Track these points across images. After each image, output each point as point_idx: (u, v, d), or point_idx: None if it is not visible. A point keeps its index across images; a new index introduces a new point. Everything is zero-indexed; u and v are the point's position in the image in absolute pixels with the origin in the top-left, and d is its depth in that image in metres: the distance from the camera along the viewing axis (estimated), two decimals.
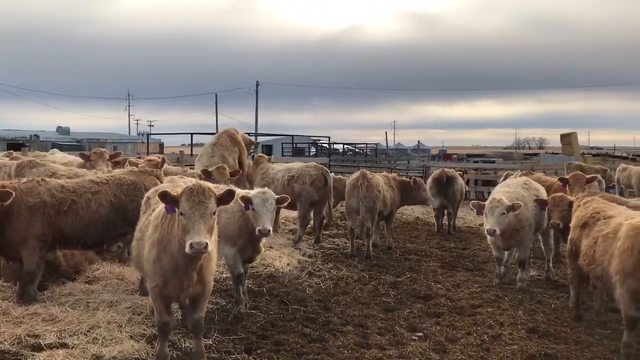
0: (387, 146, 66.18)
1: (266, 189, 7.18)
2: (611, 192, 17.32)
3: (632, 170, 20.37)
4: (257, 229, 6.72)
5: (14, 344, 5.68)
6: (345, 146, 53.51)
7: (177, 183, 6.38)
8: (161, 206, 5.24)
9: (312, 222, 12.02)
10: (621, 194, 19.00)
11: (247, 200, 6.74)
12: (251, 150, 16.33)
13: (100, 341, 5.83)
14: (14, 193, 6.65)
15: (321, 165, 12.18)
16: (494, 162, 41.42)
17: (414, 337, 6.60)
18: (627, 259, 5.90)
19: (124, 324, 6.30)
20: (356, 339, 6.43)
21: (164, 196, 4.98)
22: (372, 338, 6.50)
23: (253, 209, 6.74)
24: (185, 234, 4.78)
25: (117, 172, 8.40)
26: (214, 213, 4.93)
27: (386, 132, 68.31)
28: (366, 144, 57.90)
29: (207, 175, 9.70)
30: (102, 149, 11.45)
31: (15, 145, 37.18)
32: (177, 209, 4.92)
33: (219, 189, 5.48)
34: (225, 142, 13.67)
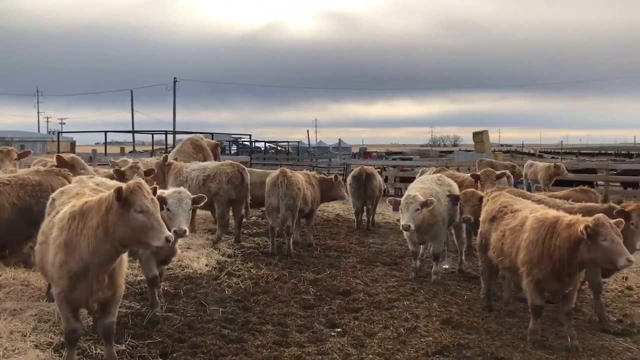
0: (309, 144, 66.59)
1: (181, 188, 6.95)
2: (519, 187, 18.22)
3: (538, 166, 21.51)
4: (172, 230, 6.48)
5: None
6: (267, 144, 53.25)
7: (86, 184, 6.10)
8: (66, 207, 4.99)
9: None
10: (529, 188, 20.05)
11: (161, 200, 6.49)
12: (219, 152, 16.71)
13: (0, 352, 5.46)
14: None
15: (237, 163, 12.02)
16: (411, 159, 42.58)
17: (333, 333, 6.65)
18: (532, 251, 6.22)
19: (28, 333, 5.95)
20: (275, 337, 6.40)
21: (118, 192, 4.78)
22: (291, 336, 6.48)
23: (168, 209, 6.49)
24: (149, 230, 4.80)
25: (21, 172, 7.92)
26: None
27: (308, 131, 68.89)
28: (288, 142, 57.95)
29: (120, 175, 9.32)
30: (9, 147, 10.74)
31: None
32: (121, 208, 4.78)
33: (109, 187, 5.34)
34: (188, 149, 14.13)
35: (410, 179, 16.70)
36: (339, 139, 59.41)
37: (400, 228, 8.58)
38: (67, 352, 5.22)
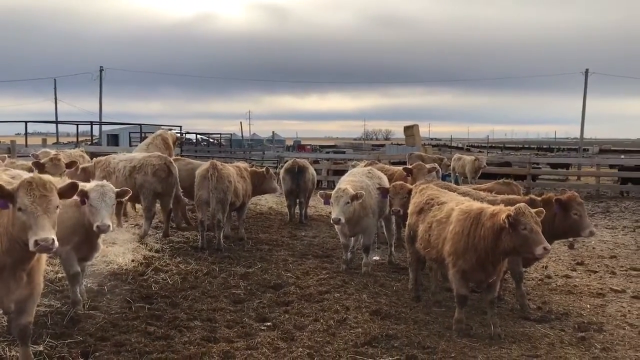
0: (242, 136, 65.88)
1: (104, 181, 6.65)
2: (447, 180, 18.75)
3: (466, 160, 22.27)
4: (95, 225, 6.21)
5: None
6: (199, 136, 52.34)
7: (0, 176, 5.75)
8: None
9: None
10: (456, 181, 20.69)
11: (82, 194, 6.21)
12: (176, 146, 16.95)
13: None
14: None
15: (165, 155, 11.69)
16: (344, 152, 43.04)
17: (263, 327, 6.59)
18: (458, 242, 6.38)
19: None
20: (203, 333, 6.27)
21: None
22: (220, 331, 6.37)
23: (90, 204, 6.22)
24: (27, 230, 4.34)
25: None
26: (57, 207, 4.54)
27: (241, 122, 68.19)
28: (220, 134, 57.18)
29: (39, 167, 8.86)
30: None
31: None
32: (11, 205, 4.45)
33: (59, 182, 5.03)
34: (160, 144, 14.42)
35: (343, 172, 16.83)
36: (273, 132, 59.31)
37: (331, 221, 8.61)
38: None
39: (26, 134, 36.13)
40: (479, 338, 6.42)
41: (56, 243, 4.37)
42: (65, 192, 4.78)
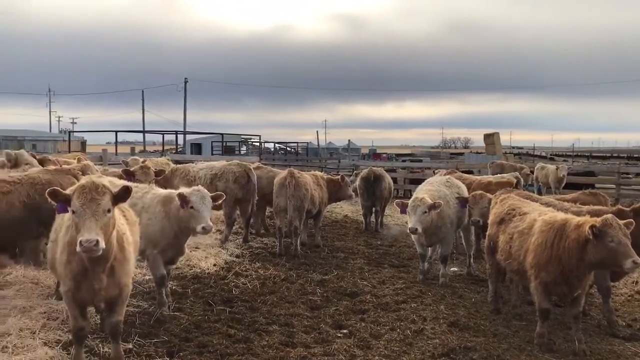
0: (318, 145, 66.57)
1: (199, 186, 6.99)
2: (530, 189, 18.13)
3: (549, 169, 21.43)
4: (199, 227, 6.49)
5: None
6: (277, 145, 53.39)
7: None
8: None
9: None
10: (539, 191, 19.96)
11: (183, 199, 6.53)
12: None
13: (10, 349, 5.51)
14: None
15: (244, 163, 12.11)
16: (421, 161, 42.51)
17: (339, 335, 6.65)
18: (540, 253, 6.19)
19: (37, 330, 6.00)
20: (281, 338, 6.41)
21: (54, 195, 4.76)
22: (297, 337, 6.49)
23: (192, 207, 6.54)
24: (77, 232, 4.58)
25: (32, 170, 8.00)
26: (109, 210, 4.70)
27: (317, 132, 68.83)
28: (297, 142, 58.08)
29: (128, 175, 9.36)
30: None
31: None
32: (69, 208, 4.72)
33: (116, 185, 5.29)
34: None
35: (419, 181, 16.69)
36: (349, 140, 59.43)
37: (408, 230, 8.56)
38: (74, 350, 5.24)
39: (116, 142, 38.19)
40: (562, 354, 6.19)
41: (101, 244, 4.49)
42: (121, 196, 4.91)
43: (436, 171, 15.95)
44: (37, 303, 6.83)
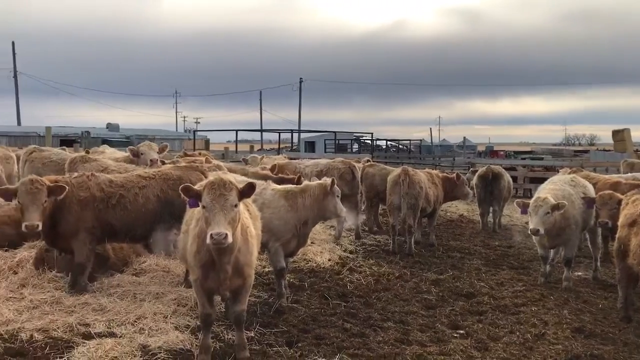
0: (431, 143, 65.39)
1: (325, 177, 7.57)
2: None
3: None
4: (343, 212, 7.47)
5: (66, 332, 5.93)
6: (389, 142, 53.09)
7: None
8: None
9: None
10: None
11: (333, 186, 7.35)
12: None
13: (146, 331, 6.01)
14: (67, 187, 6.93)
15: (348, 160, 12.35)
16: (542, 158, 40.41)
17: (456, 335, 6.55)
18: None
19: (169, 315, 6.49)
20: (397, 335, 6.43)
21: (187, 190, 5.11)
22: (412, 334, 6.48)
23: (338, 196, 7.38)
24: (207, 226, 4.88)
25: (165, 167, 8.63)
26: (236, 205, 4.98)
27: (431, 129, 67.63)
28: (410, 140, 57.38)
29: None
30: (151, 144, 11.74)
31: (67, 141, 38.47)
32: (200, 203, 5.03)
33: (241, 182, 5.56)
34: None
35: (540, 180, 15.91)
36: (464, 137, 57.84)
37: (529, 232, 8.22)
38: (202, 335, 5.59)
39: (236, 141, 40.01)
40: None
41: (229, 238, 4.78)
42: (246, 192, 5.18)
43: (559, 169, 15.11)
44: (169, 290, 7.38)
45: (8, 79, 59.01)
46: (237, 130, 40.04)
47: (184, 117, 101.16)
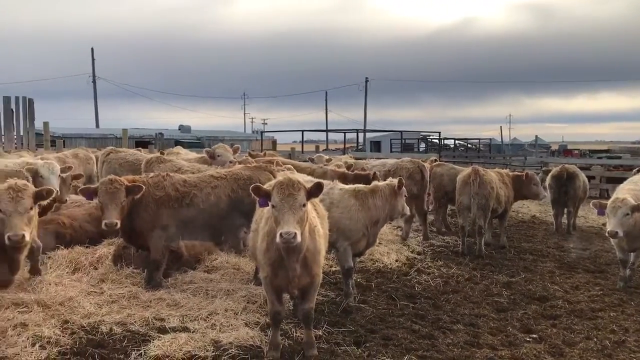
0: (501, 141, 63.56)
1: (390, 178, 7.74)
2: None
3: None
4: (407, 209, 7.65)
5: (142, 326, 6.18)
6: (457, 142, 52.04)
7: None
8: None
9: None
10: None
11: (400, 186, 7.40)
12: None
13: (218, 327, 6.17)
14: (144, 187, 7.22)
15: (416, 160, 12.16)
16: (620, 157, 38.52)
17: (528, 339, 6.36)
18: None
19: (239, 312, 6.64)
20: (466, 337, 6.32)
21: (257, 190, 5.21)
22: (483, 337, 6.34)
23: (405, 196, 7.51)
24: (277, 225, 4.96)
25: (235, 167, 8.84)
26: (304, 205, 5.03)
27: (501, 127, 65.59)
28: (479, 139, 56.01)
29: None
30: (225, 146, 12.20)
31: (142, 142, 39.99)
32: (269, 202, 5.11)
33: (308, 181, 5.61)
34: None
35: (618, 180, 15.19)
36: (536, 136, 55.88)
37: (606, 234, 7.87)
38: (272, 332, 5.69)
39: (302, 141, 40.32)
40: None
41: (298, 237, 4.84)
42: (314, 192, 5.23)
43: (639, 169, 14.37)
44: (239, 287, 7.54)
45: (88, 84, 62.07)
46: (303, 131, 40.34)
47: (252, 118, 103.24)
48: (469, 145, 53.04)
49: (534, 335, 6.47)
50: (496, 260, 10.14)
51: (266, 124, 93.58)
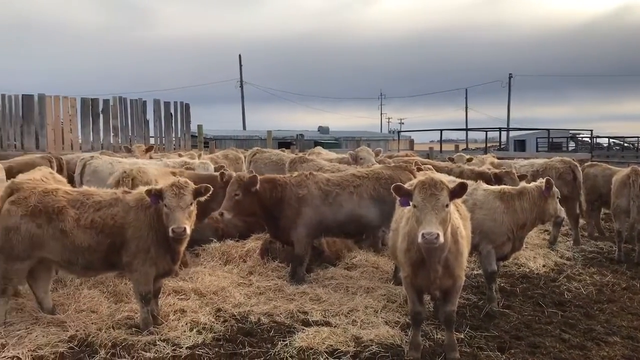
0: None
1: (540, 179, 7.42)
2: None
3: None
4: (561, 215, 7.55)
5: (287, 317, 6.48)
6: (611, 140, 47.97)
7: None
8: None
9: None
10: None
11: (549, 188, 7.11)
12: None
13: (358, 324, 6.28)
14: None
15: (569, 159, 11.38)
16: None
17: None
18: None
19: (379, 310, 6.70)
20: (624, 351, 5.84)
21: (398, 189, 5.18)
22: None
23: (558, 197, 7.27)
24: (418, 225, 4.90)
25: (376, 167, 8.94)
26: (447, 205, 4.94)
27: None
28: (638, 137, 51.14)
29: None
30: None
31: (284, 143, 41.66)
32: (410, 202, 5.08)
33: (452, 182, 5.48)
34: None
35: None
36: None
37: None
38: (412, 332, 5.67)
39: (440, 141, 39.60)
40: None
41: (441, 238, 4.74)
42: (457, 192, 5.10)
43: None
44: (378, 285, 7.62)
45: (235, 89, 65.89)
46: (441, 130, 39.63)
47: (389, 118, 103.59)
48: (625, 144, 48.67)
49: None
50: None
51: (403, 123, 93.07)
